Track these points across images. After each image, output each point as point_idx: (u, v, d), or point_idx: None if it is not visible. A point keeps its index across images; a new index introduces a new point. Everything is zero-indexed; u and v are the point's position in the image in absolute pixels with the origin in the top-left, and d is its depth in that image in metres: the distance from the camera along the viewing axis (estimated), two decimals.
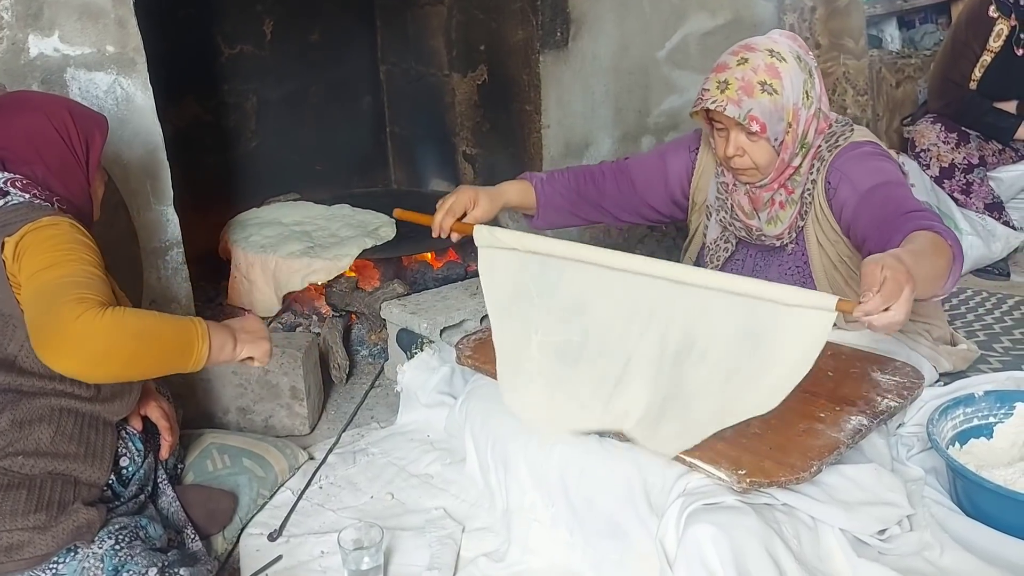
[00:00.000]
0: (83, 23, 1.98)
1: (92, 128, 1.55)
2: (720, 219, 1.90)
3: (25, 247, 1.34)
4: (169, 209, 2.20)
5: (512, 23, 2.81)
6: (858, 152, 1.74)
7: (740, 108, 1.64)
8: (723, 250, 1.92)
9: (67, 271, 1.32)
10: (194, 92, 2.99)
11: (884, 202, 1.64)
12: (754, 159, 1.72)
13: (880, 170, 1.71)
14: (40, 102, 1.56)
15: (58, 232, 1.37)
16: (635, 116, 3.09)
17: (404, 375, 2.12)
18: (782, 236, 1.83)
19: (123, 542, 1.38)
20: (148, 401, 1.68)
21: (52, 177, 1.49)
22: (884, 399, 1.65)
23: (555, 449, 1.63)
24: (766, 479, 1.43)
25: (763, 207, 1.82)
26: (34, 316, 1.28)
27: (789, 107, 1.68)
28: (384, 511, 1.80)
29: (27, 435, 1.39)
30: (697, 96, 1.71)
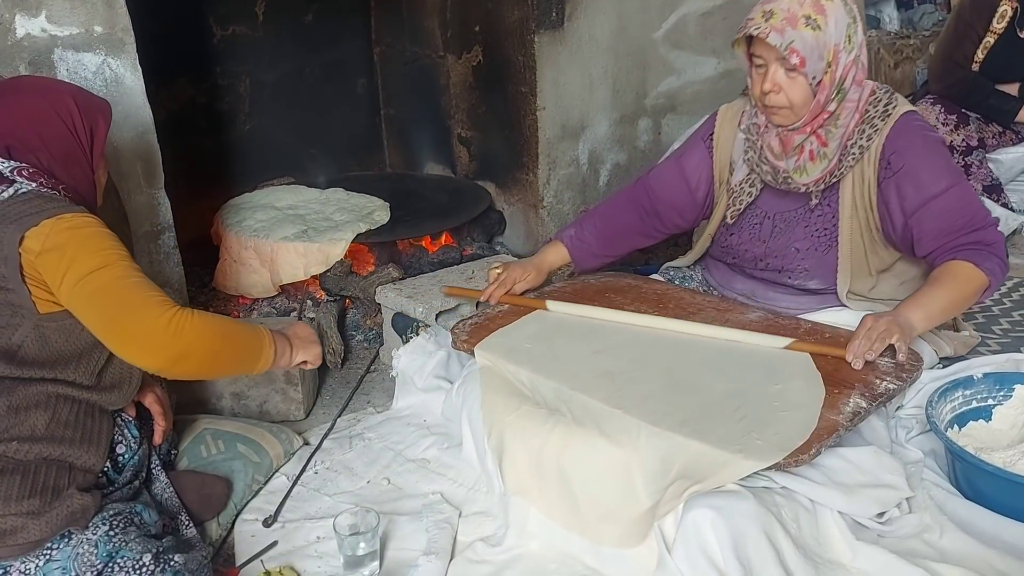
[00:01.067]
0: (71, 3, 1.95)
1: (96, 115, 1.54)
2: (748, 159, 1.88)
3: (58, 244, 1.35)
4: (160, 192, 2.17)
5: (508, 3, 2.77)
6: (919, 135, 1.77)
7: (783, 37, 1.63)
8: (747, 194, 1.91)
9: (121, 272, 1.38)
10: (187, 74, 2.95)
11: (949, 213, 1.74)
12: (790, 97, 1.70)
13: (945, 167, 1.78)
14: (44, 88, 1.54)
15: (95, 231, 1.40)
16: (633, 98, 3.06)
17: (400, 359, 2.10)
18: (809, 186, 1.81)
19: (117, 528, 1.36)
20: (143, 388, 1.66)
21: (57, 165, 1.48)
22: (883, 381, 1.64)
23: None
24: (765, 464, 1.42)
25: (792, 152, 1.80)
26: (111, 316, 1.36)
27: (831, 46, 1.67)
28: (381, 496, 1.79)
29: (22, 421, 1.38)
30: (740, 26, 1.71)
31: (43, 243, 1.35)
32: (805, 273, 1.89)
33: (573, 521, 1.58)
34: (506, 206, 3.09)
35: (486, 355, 1.82)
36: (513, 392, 1.76)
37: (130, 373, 1.54)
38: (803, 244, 1.87)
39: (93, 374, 1.47)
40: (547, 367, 1.74)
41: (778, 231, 1.90)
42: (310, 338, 1.69)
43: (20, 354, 1.40)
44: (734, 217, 1.93)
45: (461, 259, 2.81)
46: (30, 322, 1.39)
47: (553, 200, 2.95)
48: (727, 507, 1.36)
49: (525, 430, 1.67)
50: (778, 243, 1.91)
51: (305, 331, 1.69)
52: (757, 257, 1.95)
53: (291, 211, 2.85)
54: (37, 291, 1.39)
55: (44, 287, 1.39)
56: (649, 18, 3.01)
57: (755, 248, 1.94)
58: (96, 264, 1.36)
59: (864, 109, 1.77)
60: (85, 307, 1.37)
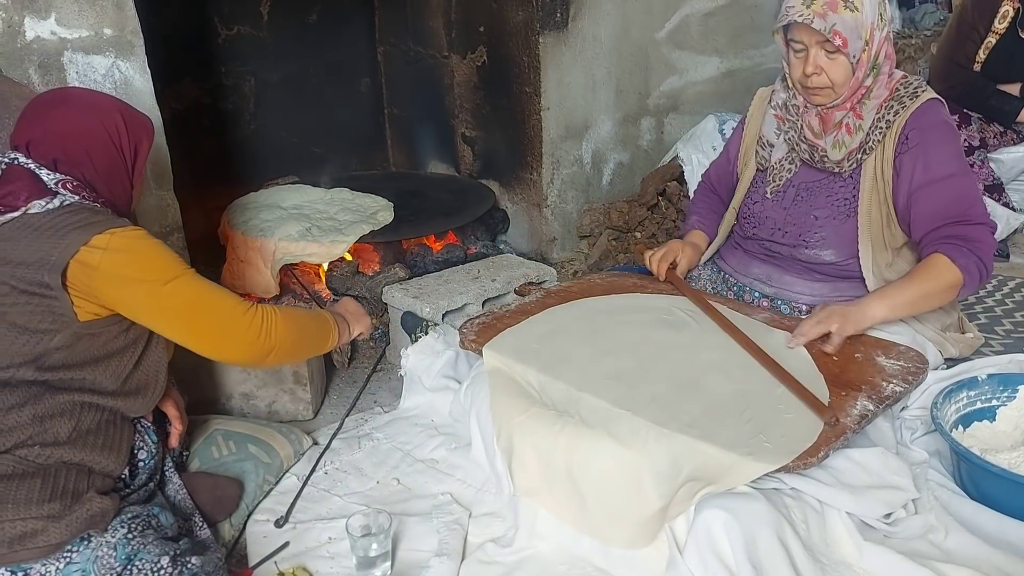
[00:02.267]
0: (80, 5, 1.95)
1: (141, 134, 1.57)
2: (788, 139, 1.95)
3: (121, 261, 1.40)
4: (169, 194, 2.18)
5: (512, 4, 2.78)
6: (940, 122, 1.82)
7: (826, 22, 1.70)
8: (786, 170, 1.97)
9: (194, 280, 1.49)
10: (192, 74, 2.95)
11: (945, 199, 1.78)
12: (831, 77, 1.77)
13: (955, 157, 1.82)
14: (95, 104, 1.56)
15: (153, 243, 1.47)
16: (636, 97, 3.07)
17: (408, 359, 2.12)
18: (842, 163, 1.87)
19: (136, 531, 1.38)
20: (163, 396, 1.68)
21: (99, 180, 1.51)
22: (890, 384, 1.66)
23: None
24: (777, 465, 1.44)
25: (832, 128, 1.86)
26: (204, 325, 1.48)
27: (867, 25, 1.74)
28: (390, 496, 1.80)
29: (47, 428, 1.40)
30: (780, 13, 1.78)
31: (101, 259, 1.38)
32: (822, 241, 1.92)
33: (582, 522, 1.59)
34: (510, 205, 3.11)
35: (494, 355, 1.83)
36: (521, 393, 1.78)
37: (156, 379, 1.56)
38: (823, 212, 1.92)
39: (119, 379, 1.49)
40: (555, 368, 1.76)
41: (800, 199, 1.96)
42: (359, 311, 1.85)
43: (50, 360, 1.41)
44: (774, 193, 1.99)
45: (465, 258, 2.82)
46: (69, 330, 1.41)
47: (557, 199, 2.96)
48: (739, 509, 1.38)
49: (534, 431, 1.68)
50: (799, 210, 1.95)
51: (354, 306, 1.85)
52: (777, 225, 1.99)
53: (296, 211, 2.86)
54: (79, 300, 1.41)
55: (88, 298, 1.41)
56: (652, 19, 3.02)
57: (776, 214, 1.99)
58: (169, 276, 1.45)
59: (895, 87, 1.84)
60: (171, 319, 1.47)
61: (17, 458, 1.37)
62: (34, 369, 1.41)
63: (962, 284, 1.75)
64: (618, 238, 2.97)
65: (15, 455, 1.37)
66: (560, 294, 2.15)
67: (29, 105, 1.53)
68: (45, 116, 1.50)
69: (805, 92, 1.85)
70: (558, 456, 1.61)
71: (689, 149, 3.00)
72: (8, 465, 1.36)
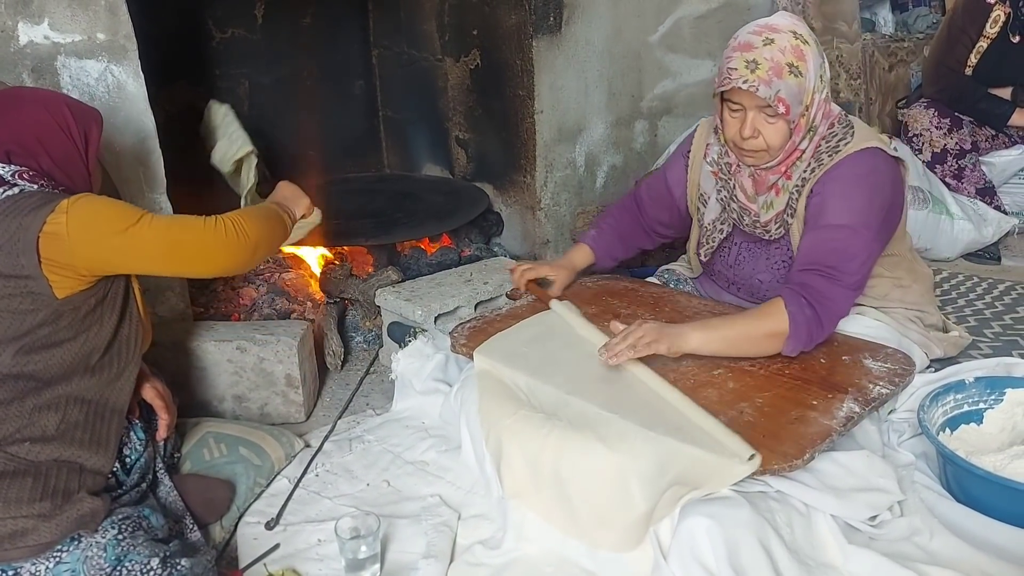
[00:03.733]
0: (73, 10, 1.96)
1: (89, 121, 1.62)
2: (720, 199, 1.91)
3: (77, 219, 1.44)
4: (162, 197, 2.19)
5: (505, 7, 2.79)
6: (854, 174, 1.73)
7: (770, 88, 1.64)
8: (719, 231, 1.94)
9: (157, 218, 1.55)
10: (186, 77, 2.96)
11: (822, 249, 1.70)
12: (768, 140, 1.72)
13: (854, 211, 1.71)
14: (39, 97, 1.62)
15: (107, 199, 1.54)
16: (628, 100, 3.08)
17: (399, 363, 2.12)
18: (769, 226, 1.85)
19: (126, 532, 1.39)
20: (143, 383, 1.70)
21: (56, 168, 1.56)
22: (876, 386, 1.67)
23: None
24: (760, 467, 1.45)
25: (765, 190, 1.83)
26: (187, 252, 1.57)
27: (809, 90, 1.69)
28: (380, 499, 1.81)
29: (35, 422, 1.42)
30: (722, 75, 1.69)
31: (67, 223, 1.43)
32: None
33: (570, 525, 1.60)
34: (504, 208, 3.12)
35: (484, 359, 1.84)
36: (510, 396, 1.79)
37: (128, 356, 1.58)
38: (765, 276, 1.92)
39: (100, 350, 1.52)
40: (544, 371, 1.77)
41: (743, 259, 1.95)
42: (296, 193, 1.89)
43: (35, 339, 1.44)
44: (707, 255, 1.97)
45: (459, 260, 2.83)
46: (49, 308, 1.45)
47: (550, 202, 2.97)
48: (723, 515, 1.38)
49: (522, 434, 1.69)
50: (743, 271, 1.96)
51: (290, 189, 1.90)
52: (729, 280, 2.01)
53: None
54: (55, 276, 1.44)
55: (66, 268, 1.45)
56: (644, 22, 3.03)
57: (726, 271, 2.00)
58: (133, 219, 1.51)
59: (817, 144, 1.78)
60: (155, 255, 1.54)
61: (8, 455, 1.39)
62: (19, 353, 1.43)
63: (787, 334, 1.67)
64: None
65: (7, 452, 1.39)
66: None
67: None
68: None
69: (738, 152, 1.80)
70: (546, 459, 1.62)
71: None
72: (0, 463, 1.37)
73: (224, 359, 2.09)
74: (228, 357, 2.09)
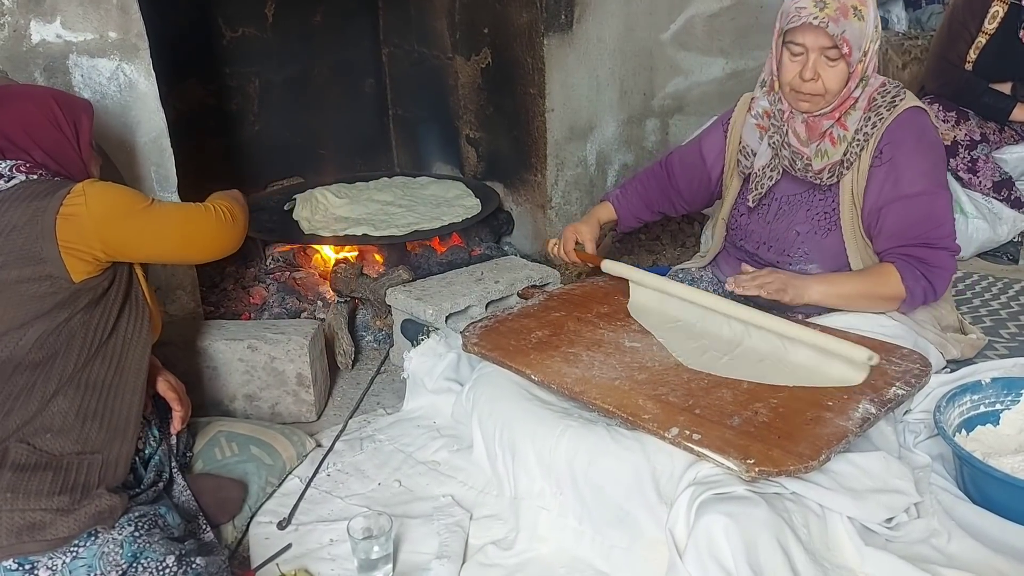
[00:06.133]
0: (85, 8, 1.96)
1: (78, 112, 1.65)
2: (772, 143, 1.93)
3: (101, 189, 1.53)
4: (174, 196, 2.19)
5: (516, 5, 2.78)
6: (915, 135, 1.81)
7: (838, 27, 1.70)
8: (768, 178, 1.96)
9: (160, 201, 1.67)
10: (197, 75, 2.96)
11: (912, 217, 1.80)
12: (827, 84, 1.76)
13: (927, 173, 1.81)
14: (25, 93, 1.67)
15: (117, 185, 1.61)
16: (640, 98, 3.07)
17: (411, 361, 2.12)
18: (822, 174, 1.86)
19: (142, 529, 1.39)
20: (155, 377, 1.71)
21: (49, 159, 1.59)
22: (892, 387, 1.65)
23: (563, 437, 1.64)
24: (774, 468, 1.44)
25: (817, 137, 1.85)
26: (187, 237, 1.67)
27: (868, 36, 1.75)
28: (392, 498, 1.81)
29: (52, 410, 1.44)
30: (789, 15, 1.75)
31: (86, 204, 1.49)
32: (805, 256, 1.93)
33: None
34: (514, 206, 3.11)
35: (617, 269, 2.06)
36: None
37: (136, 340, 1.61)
38: (803, 227, 1.92)
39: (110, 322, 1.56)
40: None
41: (782, 212, 1.96)
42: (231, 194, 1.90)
43: (57, 319, 1.47)
44: (756, 201, 1.97)
45: (470, 259, 2.82)
46: (66, 292, 1.48)
47: (561, 200, 2.96)
48: (740, 513, 1.37)
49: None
50: (781, 225, 1.96)
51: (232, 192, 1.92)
52: (761, 239, 2.00)
53: None
54: (72, 259, 1.48)
55: (83, 249, 1.49)
56: (657, 20, 3.01)
57: (760, 228, 2.00)
58: (145, 202, 1.60)
59: (872, 97, 1.83)
60: (170, 238, 1.64)
61: (31, 447, 1.40)
62: (41, 337, 1.46)
63: (902, 299, 1.81)
64: (621, 240, 2.97)
65: (29, 443, 1.40)
66: (563, 297, 2.15)
67: None
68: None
69: (794, 96, 1.82)
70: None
71: None
72: (23, 454, 1.38)
73: (235, 358, 2.09)
74: (239, 356, 2.09)
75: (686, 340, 1.86)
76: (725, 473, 1.47)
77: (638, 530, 1.54)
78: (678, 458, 1.54)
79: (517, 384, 1.82)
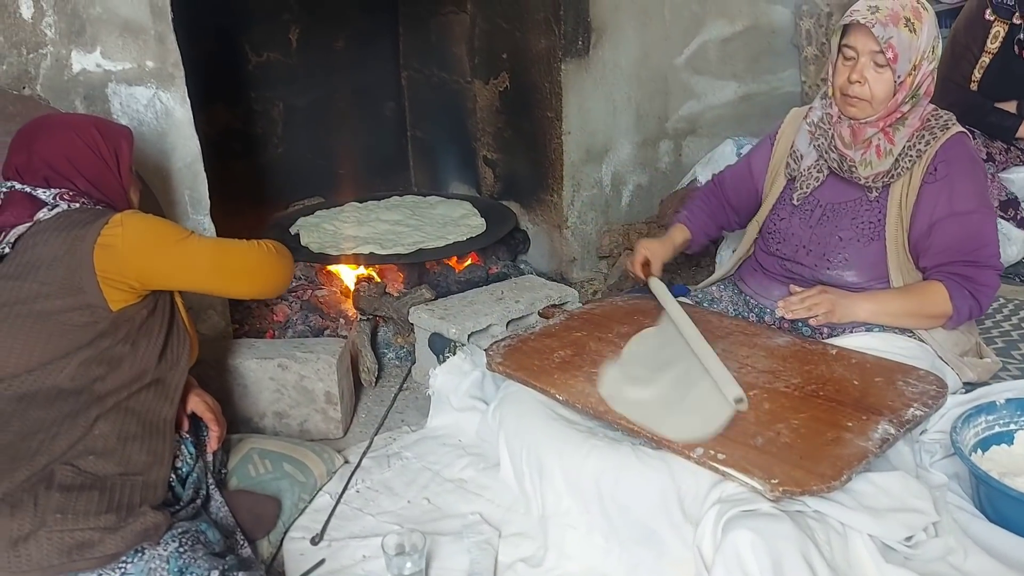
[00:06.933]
0: (124, 39, 2.03)
1: (119, 138, 1.71)
2: (818, 145, 2.00)
3: (132, 231, 1.55)
4: (207, 219, 2.25)
5: (535, 32, 2.85)
6: (968, 155, 1.89)
7: (885, 31, 1.77)
8: (814, 178, 2.02)
9: (199, 235, 1.68)
10: (223, 99, 3.03)
11: (961, 235, 1.87)
12: (873, 90, 1.83)
13: (978, 193, 1.90)
14: (67, 122, 1.72)
15: (156, 218, 1.65)
16: (655, 122, 3.13)
17: (436, 379, 2.16)
18: (869, 179, 1.92)
19: (186, 545, 1.43)
20: (190, 396, 1.76)
21: (91, 187, 1.65)
22: (910, 408, 1.69)
23: (590, 456, 1.68)
24: (798, 488, 1.48)
25: (861, 144, 1.91)
26: (237, 272, 1.71)
27: (919, 51, 1.81)
28: (421, 516, 1.85)
29: (95, 434, 1.49)
30: (844, 15, 1.85)
31: (123, 235, 1.53)
32: (844, 262, 1.98)
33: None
34: (530, 225, 3.17)
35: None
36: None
37: (177, 368, 1.66)
38: (847, 233, 1.97)
39: (155, 357, 1.60)
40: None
41: (826, 218, 2.01)
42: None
43: (97, 350, 1.51)
44: (801, 199, 2.03)
45: (487, 278, 2.88)
46: (106, 320, 1.52)
47: (577, 220, 3.02)
48: (767, 529, 1.41)
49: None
50: (824, 229, 2.01)
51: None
52: (801, 242, 2.04)
53: None
54: (110, 289, 1.53)
55: (120, 279, 1.53)
56: (671, 45, 3.08)
57: (802, 232, 2.04)
58: (183, 234, 1.63)
59: (926, 118, 1.91)
60: (207, 271, 1.66)
61: (76, 469, 1.44)
62: (82, 365, 1.50)
63: (949, 317, 1.87)
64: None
65: (75, 466, 1.44)
66: (583, 317, 2.20)
67: (15, 137, 1.67)
68: (29, 143, 1.64)
69: (843, 101, 1.89)
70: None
71: (708, 173, 3.05)
72: (68, 476, 1.42)
73: (266, 376, 2.14)
74: (270, 375, 2.14)
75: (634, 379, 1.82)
76: (750, 492, 1.51)
77: (664, 548, 1.59)
78: (703, 477, 1.58)
79: (542, 403, 1.87)
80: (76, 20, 1.97)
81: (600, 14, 2.82)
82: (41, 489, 1.39)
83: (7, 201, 1.60)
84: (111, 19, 2.00)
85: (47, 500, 1.37)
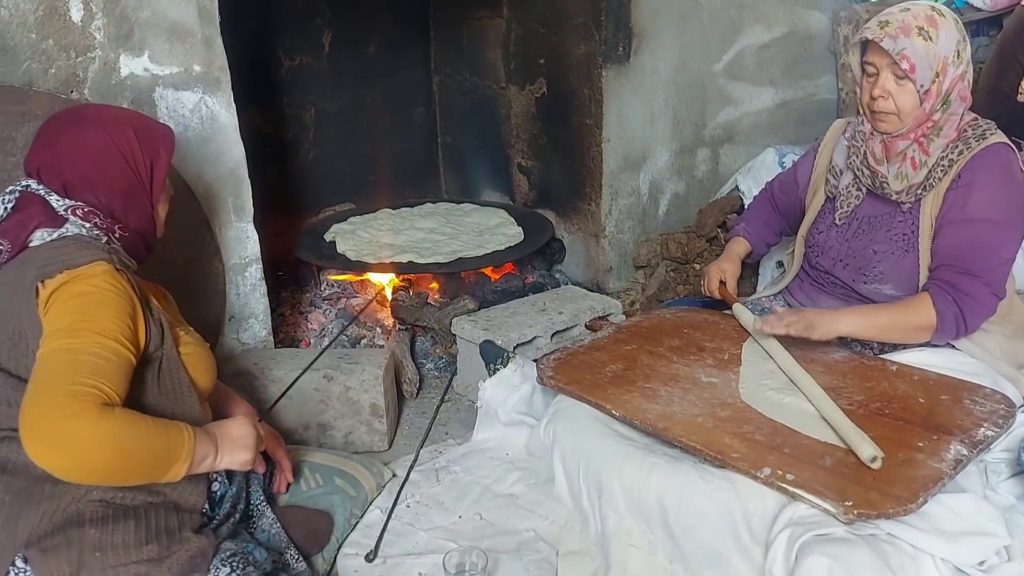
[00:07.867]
0: (172, 43, 2.00)
1: (157, 146, 1.52)
2: (851, 163, 1.98)
3: (55, 299, 1.30)
4: (249, 226, 2.22)
5: (574, 37, 2.82)
6: (1000, 166, 1.83)
7: (895, 43, 1.75)
8: (854, 197, 2.00)
9: (80, 345, 1.26)
10: (256, 102, 3.00)
11: (962, 242, 1.81)
12: (897, 103, 1.80)
13: (998, 203, 1.81)
14: (103, 119, 1.50)
15: (89, 289, 1.31)
16: (692, 129, 3.10)
17: (485, 391, 2.12)
18: (901, 194, 1.88)
19: (238, 569, 1.38)
20: (233, 410, 1.71)
21: (115, 202, 1.47)
22: (980, 428, 1.66)
23: (652, 474, 1.64)
24: (873, 511, 1.45)
25: (895, 158, 1.88)
26: (30, 393, 1.23)
27: (940, 58, 1.77)
28: (475, 532, 1.81)
29: None
30: (858, 33, 1.85)
31: (48, 297, 1.30)
32: (880, 276, 1.94)
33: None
34: (566, 235, 3.13)
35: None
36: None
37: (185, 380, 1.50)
38: (882, 247, 1.94)
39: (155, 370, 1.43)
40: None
41: (861, 232, 1.99)
42: (242, 442, 1.48)
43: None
44: (842, 219, 2.02)
45: (523, 287, 2.85)
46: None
47: (614, 230, 2.99)
48: (843, 555, 1.38)
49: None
50: (859, 243, 1.98)
51: (240, 431, 1.49)
52: (838, 256, 2.02)
53: None
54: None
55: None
56: (709, 51, 3.05)
57: (839, 246, 2.02)
58: (59, 325, 1.28)
59: (963, 128, 1.86)
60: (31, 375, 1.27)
61: (103, 502, 1.35)
62: None
63: (934, 329, 1.81)
64: (676, 269, 2.99)
65: (101, 500, 1.35)
66: (631, 329, 2.17)
67: (43, 126, 1.49)
68: (56, 138, 1.45)
69: (871, 117, 1.88)
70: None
71: (749, 182, 3.02)
72: (96, 510, 1.34)
73: (311, 387, 2.11)
74: (315, 386, 2.11)
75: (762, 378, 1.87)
76: (821, 514, 1.47)
77: (731, 570, 1.55)
78: (769, 498, 1.54)
79: (596, 419, 1.83)
80: (125, 23, 1.93)
81: (640, 20, 2.79)
82: (72, 529, 1.30)
83: (20, 203, 1.43)
84: (159, 22, 1.97)
85: (81, 539, 1.28)
